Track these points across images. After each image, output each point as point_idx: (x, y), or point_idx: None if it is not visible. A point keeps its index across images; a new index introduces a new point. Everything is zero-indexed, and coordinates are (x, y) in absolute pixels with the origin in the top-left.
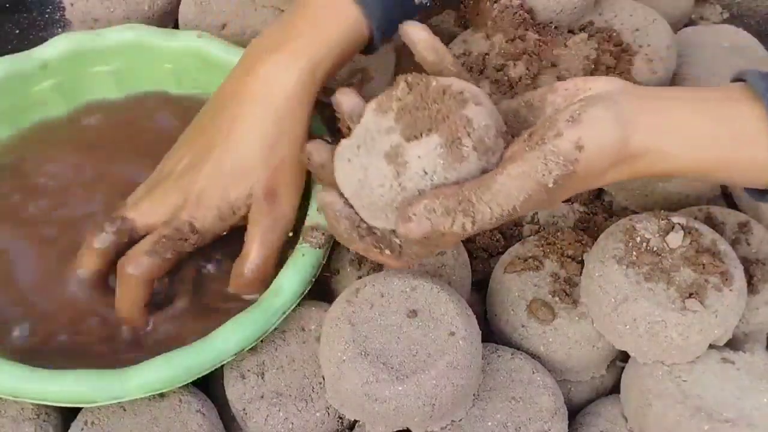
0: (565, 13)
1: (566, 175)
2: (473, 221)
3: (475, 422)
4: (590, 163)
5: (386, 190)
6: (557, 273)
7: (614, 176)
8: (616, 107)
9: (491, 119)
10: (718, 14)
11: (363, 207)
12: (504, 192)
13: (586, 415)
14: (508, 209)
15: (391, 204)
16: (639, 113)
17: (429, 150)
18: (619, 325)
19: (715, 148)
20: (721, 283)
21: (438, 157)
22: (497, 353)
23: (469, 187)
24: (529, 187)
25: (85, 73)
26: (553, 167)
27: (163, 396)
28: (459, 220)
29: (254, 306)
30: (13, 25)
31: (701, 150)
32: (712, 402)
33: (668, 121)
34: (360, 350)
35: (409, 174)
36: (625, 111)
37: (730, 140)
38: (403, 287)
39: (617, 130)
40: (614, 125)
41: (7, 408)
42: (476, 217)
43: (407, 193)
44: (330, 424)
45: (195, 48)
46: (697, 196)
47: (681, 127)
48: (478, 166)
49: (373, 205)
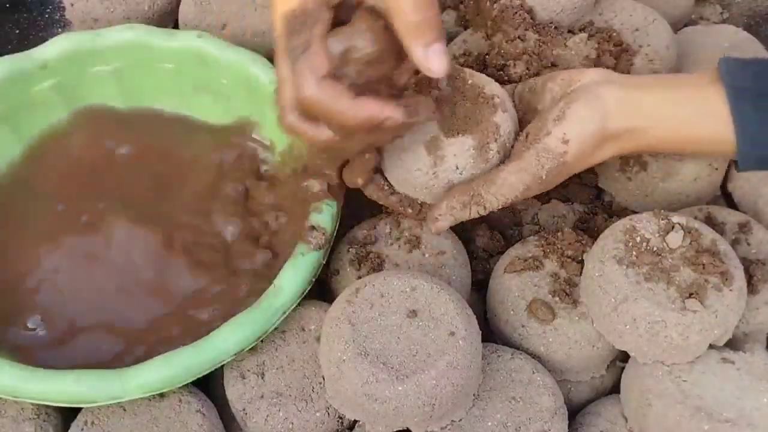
0: (565, 13)
1: (557, 166)
2: (484, 208)
3: (475, 422)
4: (577, 151)
5: (422, 174)
6: (557, 273)
7: (602, 155)
8: (596, 101)
9: (512, 124)
10: (718, 14)
11: (395, 178)
12: (506, 185)
13: (586, 415)
14: (511, 198)
15: (422, 185)
16: (617, 101)
17: (463, 150)
18: (619, 325)
19: (682, 125)
20: (721, 283)
21: (470, 157)
22: (497, 353)
23: (478, 183)
24: (526, 179)
25: (85, 73)
26: (545, 162)
27: (163, 396)
28: (474, 210)
29: (254, 306)
30: (13, 25)
31: (670, 128)
32: (712, 402)
33: (642, 104)
34: (360, 350)
35: (444, 167)
36: (605, 101)
37: (695, 118)
38: (403, 287)
39: (596, 121)
40: (593, 117)
41: (7, 408)
42: (486, 205)
43: (439, 181)
44: (330, 424)
45: (195, 48)
46: (697, 196)
47: (652, 109)
48: (498, 162)
49: (405, 181)
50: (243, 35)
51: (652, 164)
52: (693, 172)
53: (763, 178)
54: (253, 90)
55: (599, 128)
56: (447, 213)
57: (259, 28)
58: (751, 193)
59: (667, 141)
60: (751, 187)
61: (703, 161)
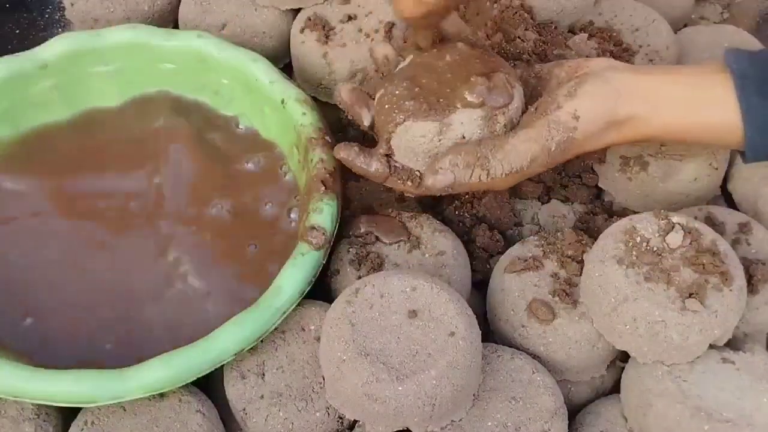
0: (565, 13)
1: (566, 141)
2: (488, 174)
3: (475, 422)
4: (586, 129)
5: (426, 141)
6: (557, 273)
7: (606, 140)
8: (606, 84)
9: (520, 100)
10: (718, 14)
11: (397, 144)
12: (514, 152)
13: (586, 415)
14: (516, 167)
15: (426, 152)
16: (625, 85)
17: (471, 120)
18: (619, 325)
19: (689, 112)
20: (721, 283)
21: (477, 127)
22: (497, 353)
23: (486, 144)
24: (534, 149)
25: (85, 73)
26: (555, 133)
27: (163, 396)
28: (477, 173)
29: (254, 306)
30: (13, 25)
31: (677, 115)
32: (712, 402)
33: (649, 91)
34: (360, 350)
35: (450, 134)
36: (614, 86)
37: (702, 105)
38: (403, 287)
39: (606, 102)
40: (604, 98)
41: (7, 408)
42: (490, 171)
43: (442, 149)
44: (330, 424)
45: (195, 48)
46: (697, 196)
47: (659, 96)
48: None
49: (408, 149)
50: (243, 35)
51: (652, 164)
52: (693, 172)
53: (764, 177)
54: (253, 90)
55: (608, 110)
56: (449, 168)
57: (259, 28)
58: (751, 193)
59: (672, 129)
60: (751, 187)
61: (703, 161)
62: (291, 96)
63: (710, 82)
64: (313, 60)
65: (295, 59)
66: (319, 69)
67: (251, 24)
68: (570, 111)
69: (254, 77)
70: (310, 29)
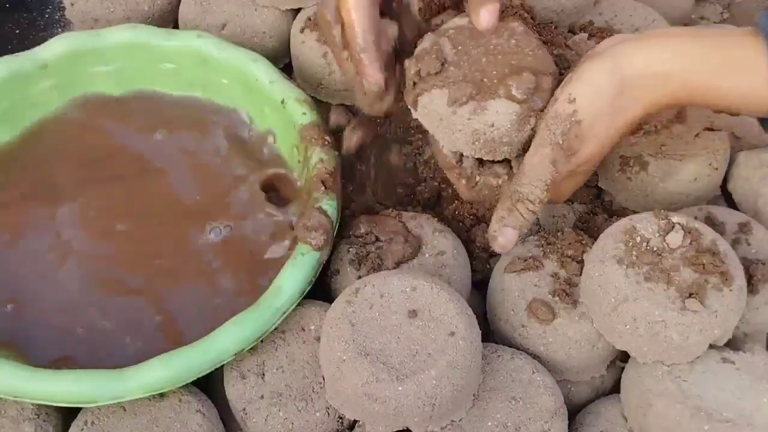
0: (565, 13)
1: (570, 128)
2: (531, 201)
3: (475, 422)
4: (588, 106)
5: (455, 116)
6: (557, 273)
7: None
8: (608, 55)
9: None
10: (718, 14)
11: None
12: (532, 168)
13: (586, 415)
14: (546, 178)
15: (450, 125)
16: (635, 48)
17: (508, 112)
18: (619, 325)
19: (714, 73)
20: (721, 283)
21: (509, 122)
22: (497, 353)
23: (508, 185)
24: (547, 153)
25: (84, 73)
26: (554, 128)
27: (163, 396)
28: (522, 208)
29: (254, 306)
30: (13, 25)
31: (700, 75)
32: (712, 402)
33: (666, 48)
34: (360, 350)
35: (481, 118)
36: (618, 51)
37: (730, 68)
38: (403, 287)
39: (606, 70)
40: (602, 67)
41: (7, 408)
42: (530, 197)
43: (466, 128)
44: (330, 424)
45: (195, 48)
46: (697, 196)
47: (681, 54)
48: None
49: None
50: (243, 35)
51: (651, 164)
52: (693, 172)
53: (764, 177)
54: (253, 90)
55: (613, 77)
56: (500, 227)
57: (259, 28)
58: (751, 193)
59: (697, 91)
60: (751, 187)
61: (703, 161)
62: (291, 96)
63: (739, 44)
64: (313, 60)
65: (295, 59)
66: (319, 69)
67: (251, 24)
68: (564, 98)
69: (254, 77)
70: (310, 29)
